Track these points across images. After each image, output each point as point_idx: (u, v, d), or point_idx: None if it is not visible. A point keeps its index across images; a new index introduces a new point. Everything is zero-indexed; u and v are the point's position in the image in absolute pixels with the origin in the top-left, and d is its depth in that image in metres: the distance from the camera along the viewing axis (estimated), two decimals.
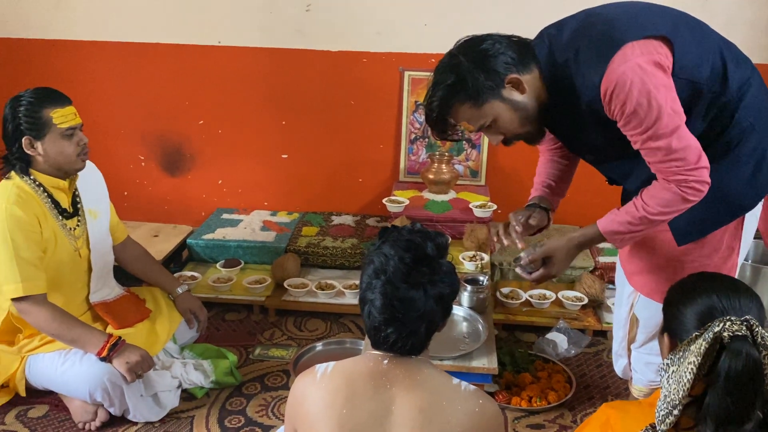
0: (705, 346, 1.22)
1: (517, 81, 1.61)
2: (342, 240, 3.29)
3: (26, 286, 2.15)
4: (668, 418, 1.25)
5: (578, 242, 1.80)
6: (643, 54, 1.53)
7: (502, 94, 1.62)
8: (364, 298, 1.39)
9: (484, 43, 1.60)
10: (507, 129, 1.69)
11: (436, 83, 1.63)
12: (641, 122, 1.54)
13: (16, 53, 3.49)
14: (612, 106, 1.56)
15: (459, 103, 1.63)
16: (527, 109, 1.65)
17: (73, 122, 2.21)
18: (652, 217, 1.64)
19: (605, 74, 1.54)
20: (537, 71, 1.64)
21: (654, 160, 1.60)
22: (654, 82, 1.52)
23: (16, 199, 2.17)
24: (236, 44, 3.39)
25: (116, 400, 2.24)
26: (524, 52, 1.63)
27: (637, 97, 1.51)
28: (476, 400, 1.37)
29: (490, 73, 1.59)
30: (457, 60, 1.61)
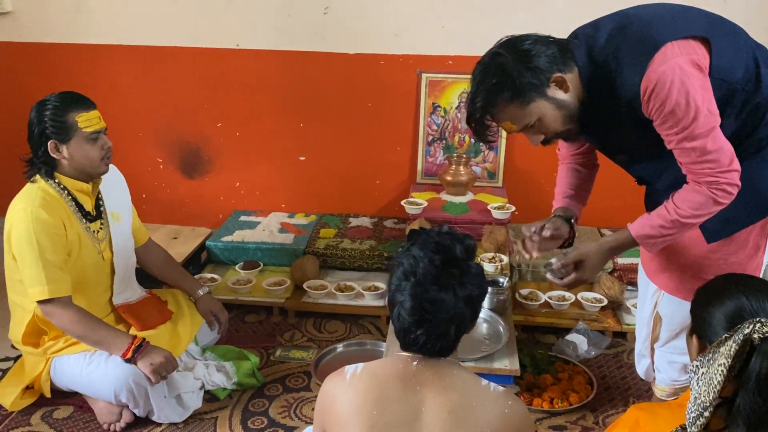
0: (735, 348, 1.22)
1: (561, 79, 1.61)
2: (360, 242, 3.30)
3: (52, 288, 2.18)
4: (699, 420, 1.25)
5: (610, 247, 1.81)
6: (682, 54, 1.55)
7: (547, 93, 1.62)
8: (393, 299, 1.40)
9: (525, 43, 1.61)
10: (550, 128, 1.69)
11: (481, 82, 1.62)
12: (678, 122, 1.55)
13: (37, 57, 3.53)
14: (650, 105, 1.57)
15: (504, 102, 1.62)
16: (570, 107, 1.65)
17: (97, 126, 2.23)
18: (684, 220, 1.66)
19: (646, 73, 1.55)
20: (576, 70, 1.65)
21: (687, 160, 1.61)
22: (693, 82, 1.54)
23: (41, 202, 2.19)
24: (254, 47, 3.41)
25: (141, 401, 2.26)
26: (564, 52, 1.63)
27: (676, 96, 1.53)
28: (505, 401, 1.38)
29: (536, 72, 1.59)
30: (501, 59, 1.60)
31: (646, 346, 2.18)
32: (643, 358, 2.24)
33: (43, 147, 2.21)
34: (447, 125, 3.45)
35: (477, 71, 1.64)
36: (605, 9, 3.18)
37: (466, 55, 3.34)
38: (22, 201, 2.21)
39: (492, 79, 1.60)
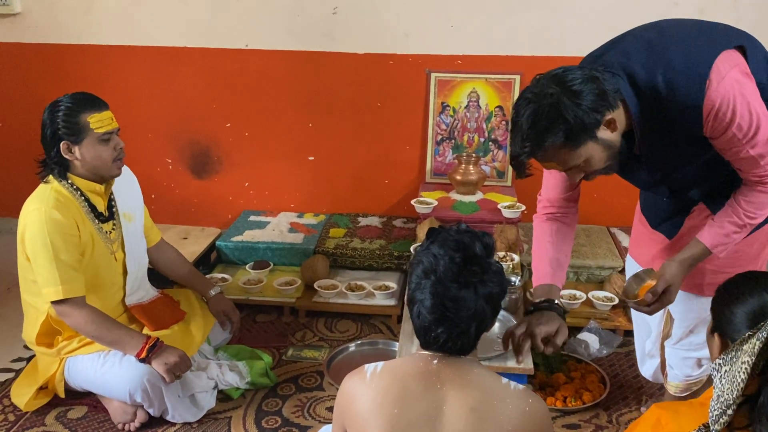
0: (759, 345, 1.22)
1: (612, 120, 1.57)
2: (370, 241, 3.30)
3: (66, 288, 2.18)
4: (722, 418, 1.25)
5: (689, 264, 1.79)
6: (732, 67, 1.58)
7: (597, 135, 1.56)
8: (412, 298, 1.40)
9: (574, 83, 1.53)
10: (594, 168, 1.65)
11: (533, 125, 1.53)
12: (745, 135, 1.58)
13: (46, 58, 3.54)
14: (715, 124, 1.58)
15: (555, 146, 1.56)
16: (616, 146, 1.62)
17: (109, 127, 2.23)
18: (752, 221, 1.70)
19: (706, 97, 1.56)
20: (621, 105, 1.60)
21: (750, 167, 1.64)
22: (750, 91, 1.58)
23: (54, 203, 2.20)
24: (263, 47, 3.42)
25: (155, 401, 2.27)
26: (609, 86, 1.57)
27: (740, 112, 1.56)
28: (526, 399, 1.38)
29: (589, 114, 1.53)
30: (553, 99, 1.52)
31: (657, 346, 2.18)
32: (651, 358, 2.24)
33: (56, 148, 2.21)
34: (456, 124, 3.44)
35: (526, 110, 1.54)
36: (613, 8, 3.20)
37: (475, 55, 3.34)
38: (35, 202, 2.22)
39: (544, 121, 1.52)
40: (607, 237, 3.32)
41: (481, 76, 3.36)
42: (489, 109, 3.41)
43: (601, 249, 3.19)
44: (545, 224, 1.97)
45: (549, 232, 1.95)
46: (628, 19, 3.15)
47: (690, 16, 3.19)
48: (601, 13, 3.20)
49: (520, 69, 3.32)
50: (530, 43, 3.28)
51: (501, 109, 3.40)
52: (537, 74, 1.60)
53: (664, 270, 1.78)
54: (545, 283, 1.93)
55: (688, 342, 2.05)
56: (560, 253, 1.94)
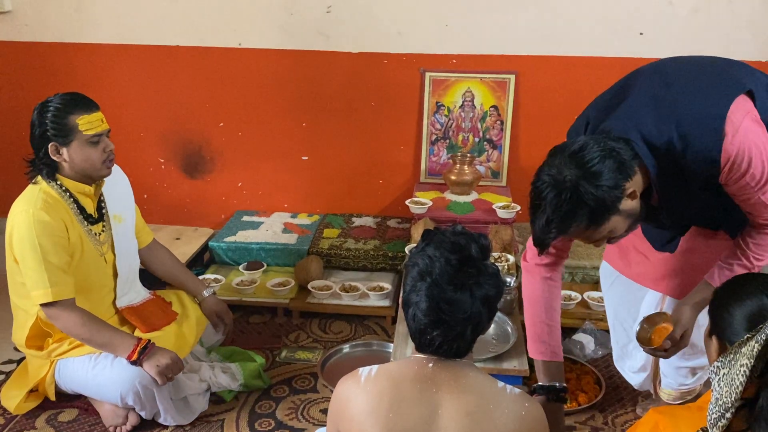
0: (758, 348, 1.20)
1: (632, 192, 1.57)
2: (364, 242, 3.28)
3: (55, 291, 2.15)
4: (720, 422, 1.24)
5: (701, 307, 1.80)
6: (744, 116, 1.60)
7: (619, 209, 1.56)
8: (408, 300, 1.38)
9: (592, 162, 1.51)
10: (617, 234, 1.66)
11: (555, 210, 1.53)
12: (758, 182, 1.61)
13: (37, 57, 3.50)
14: (731, 174, 1.61)
15: (580, 227, 1.57)
16: (638, 211, 1.63)
17: (99, 129, 2.19)
18: (762, 263, 1.74)
19: (723, 149, 1.58)
20: (638, 169, 1.59)
21: (759, 211, 1.67)
22: (762, 140, 1.61)
23: (43, 204, 2.17)
24: (257, 46, 3.39)
25: (147, 404, 2.24)
26: (626, 154, 1.55)
27: (755, 161, 1.59)
28: (522, 403, 1.37)
29: (609, 193, 1.52)
30: (573, 184, 1.51)
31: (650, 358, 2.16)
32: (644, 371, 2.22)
33: (44, 149, 2.18)
34: (451, 124, 3.43)
35: (545, 193, 1.54)
36: (607, 7, 3.19)
37: (469, 54, 3.32)
38: (23, 203, 2.19)
39: (566, 207, 1.52)
40: None
41: (475, 76, 3.35)
42: (484, 109, 3.39)
43: (596, 249, 3.18)
44: (536, 282, 1.95)
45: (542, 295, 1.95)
46: (623, 19, 3.18)
47: (684, 15, 3.21)
48: (596, 13, 3.19)
49: (514, 68, 3.31)
50: (525, 42, 3.27)
51: (496, 109, 3.38)
52: (553, 148, 1.60)
53: (680, 315, 1.80)
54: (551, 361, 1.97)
55: (681, 351, 2.04)
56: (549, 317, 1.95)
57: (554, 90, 3.30)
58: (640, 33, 3.18)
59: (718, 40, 3.13)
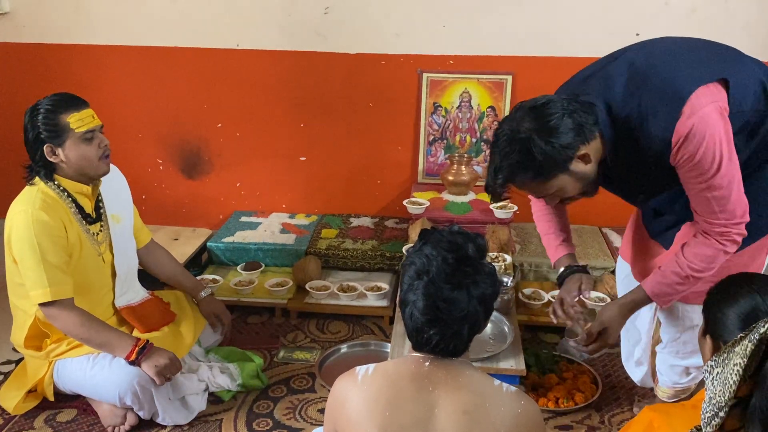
0: (751, 347, 1.21)
1: (584, 155, 1.61)
2: (362, 242, 3.29)
3: (54, 290, 2.15)
4: (714, 420, 1.24)
5: (629, 309, 1.84)
6: (707, 103, 1.59)
7: (569, 168, 1.61)
8: (405, 299, 1.39)
9: (551, 118, 1.57)
10: (569, 195, 1.71)
11: (504, 158, 1.60)
12: (704, 172, 1.59)
13: (34, 58, 3.51)
14: (679, 155, 1.60)
15: (525, 176, 1.62)
16: (590, 176, 1.66)
17: (91, 125, 2.20)
18: (696, 274, 1.71)
19: (675, 129, 1.58)
20: (598, 135, 1.63)
21: (704, 209, 1.66)
22: (719, 132, 1.58)
23: (41, 204, 2.17)
24: (255, 47, 3.40)
25: (146, 404, 2.25)
26: (587, 119, 1.60)
27: (704, 148, 1.57)
28: (518, 401, 1.37)
29: (561, 150, 1.57)
30: (526, 135, 1.57)
31: (647, 354, 2.18)
32: (639, 366, 2.24)
33: (40, 151, 2.18)
34: (448, 125, 3.44)
35: (500, 141, 1.61)
36: (605, 8, 3.20)
37: (466, 55, 3.33)
38: (22, 203, 2.19)
39: (515, 156, 1.58)
40: (599, 237, 3.33)
41: (473, 77, 3.36)
42: (481, 110, 3.40)
43: (593, 249, 3.19)
44: (538, 209, 2.08)
45: (546, 214, 2.06)
46: (619, 20, 3.19)
47: (682, 15, 3.22)
48: (592, 14, 3.20)
49: (512, 69, 3.32)
50: (522, 43, 3.28)
51: (493, 110, 3.39)
52: (520, 102, 1.65)
53: (603, 311, 1.85)
54: (562, 255, 2.04)
55: (675, 349, 2.06)
56: (562, 223, 2.05)
57: (551, 90, 3.24)
58: (636, 33, 3.19)
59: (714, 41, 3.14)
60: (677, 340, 2.04)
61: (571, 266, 2.00)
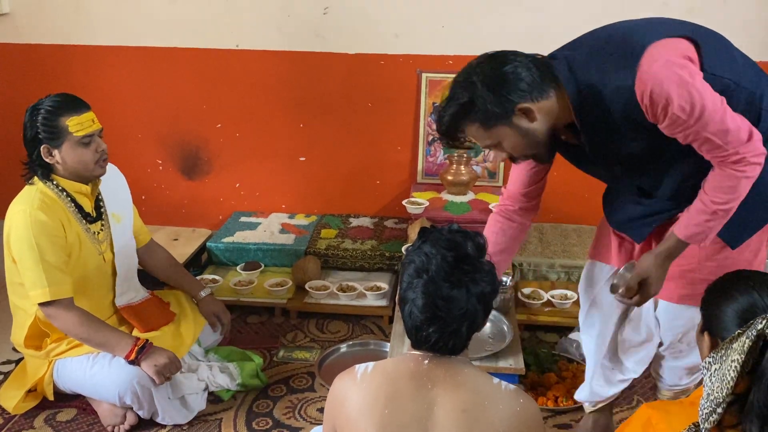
0: (748, 343, 1.22)
1: (527, 110, 1.61)
2: (361, 242, 3.30)
3: (53, 290, 2.16)
4: (712, 417, 1.25)
5: (666, 256, 1.76)
6: (669, 51, 1.54)
7: (512, 121, 1.62)
8: (404, 297, 1.39)
9: (505, 66, 1.60)
10: (513, 151, 1.71)
11: (451, 98, 1.65)
12: (689, 117, 1.52)
13: (35, 59, 3.51)
14: (654, 110, 1.54)
15: (469, 122, 1.65)
16: (536, 135, 1.65)
17: (89, 129, 2.20)
18: (724, 206, 1.62)
19: (637, 78, 1.53)
20: (555, 94, 1.63)
21: (708, 148, 1.58)
22: (688, 72, 1.52)
23: (39, 204, 2.18)
24: (254, 48, 3.40)
25: (145, 403, 2.25)
26: (544, 77, 1.62)
27: (678, 93, 1.50)
28: (517, 400, 1.38)
29: (502, 100, 1.59)
30: (473, 80, 1.61)
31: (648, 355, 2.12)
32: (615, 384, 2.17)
33: (37, 151, 2.19)
34: None
35: (452, 86, 1.66)
36: (603, 9, 3.21)
37: (466, 55, 3.30)
38: (20, 203, 2.20)
39: (460, 98, 1.62)
40: None
41: None
42: None
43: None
44: (492, 218, 2.06)
45: (492, 230, 2.04)
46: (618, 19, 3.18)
47: (680, 17, 3.19)
48: (590, 14, 3.20)
49: None
50: (520, 43, 3.23)
51: None
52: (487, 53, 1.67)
53: (640, 263, 1.78)
54: None
55: (678, 350, 2.05)
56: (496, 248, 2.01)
57: None
58: None
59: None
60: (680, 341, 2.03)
61: None
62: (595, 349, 2.15)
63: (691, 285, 1.84)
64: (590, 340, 2.16)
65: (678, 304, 1.91)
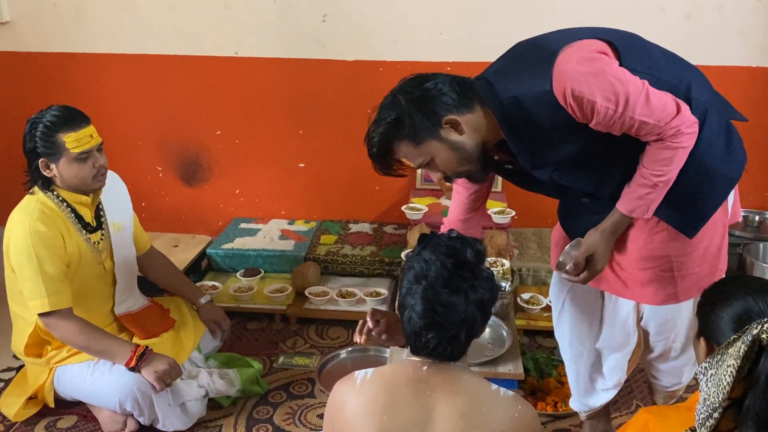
0: (744, 348, 1.22)
1: (454, 122, 1.62)
2: (361, 248, 3.31)
3: (52, 301, 2.17)
4: (708, 422, 1.26)
5: (611, 231, 1.77)
6: (581, 49, 1.56)
7: (440, 135, 1.63)
8: (403, 303, 1.41)
9: (426, 83, 1.63)
10: (446, 167, 1.71)
11: (377, 120, 1.66)
12: (616, 106, 1.52)
13: (35, 67, 3.52)
14: (581, 110, 1.54)
15: (398, 140, 1.65)
16: (466, 149, 1.66)
17: (86, 146, 2.19)
18: (663, 178, 1.63)
19: (554, 80, 1.54)
20: (480, 109, 1.65)
21: (644, 132, 1.58)
22: (603, 62, 1.54)
23: (39, 215, 2.19)
24: (253, 55, 3.42)
25: (146, 410, 2.26)
26: (466, 92, 1.64)
27: (598, 86, 1.51)
28: (515, 406, 1.39)
29: (428, 114, 1.61)
30: (397, 99, 1.64)
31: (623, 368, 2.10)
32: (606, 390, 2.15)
33: (35, 164, 2.21)
34: None
35: (378, 109, 1.68)
36: (602, 14, 3.23)
37: (464, 62, 3.35)
38: (20, 214, 2.21)
39: (387, 117, 1.64)
40: None
41: None
42: None
43: None
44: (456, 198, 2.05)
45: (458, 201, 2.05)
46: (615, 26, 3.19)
47: (676, 23, 3.25)
48: (588, 20, 3.20)
49: None
50: None
51: None
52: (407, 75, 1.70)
53: (586, 239, 1.78)
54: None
55: (673, 349, 2.06)
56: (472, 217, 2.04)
57: None
58: None
59: (709, 47, 3.17)
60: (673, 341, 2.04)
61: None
62: (570, 357, 2.16)
63: (670, 284, 1.84)
64: (564, 347, 2.17)
65: (662, 306, 1.90)
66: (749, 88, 3.25)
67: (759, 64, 3.23)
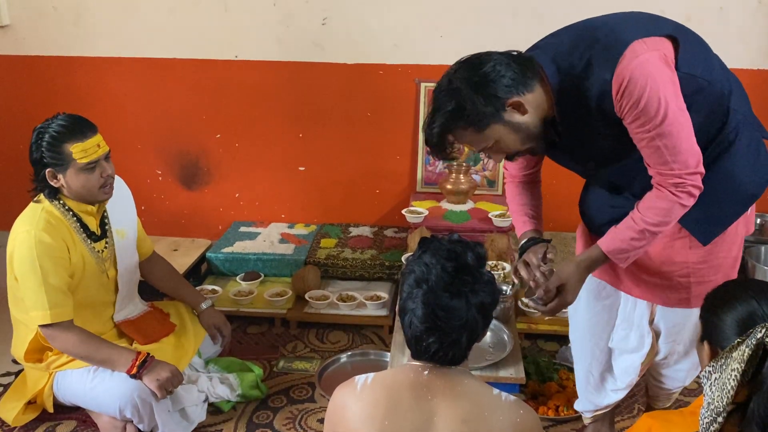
0: (748, 352, 1.22)
1: (518, 104, 1.60)
2: (361, 251, 3.30)
3: (54, 313, 2.15)
4: (712, 426, 1.25)
5: (586, 266, 1.76)
6: (650, 50, 1.55)
7: (503, 118, 1.60)
8: (404, 307, 1.40)
9: (484, 66, 1.58)
10: (509, 149, 1.69)
11: (437, 109, 1.61)
12: (650, 119, 1.54)
13: (35, 71, 3.52)
14: (623, 103, 1.55)
15: (461, 128, 1.62)
16: (530, 128, 1.64)
17: (94, 156, 2.18)
18: (652, 228, 1.64)
19: (616, 71, 1.54)
20: (539, 86, 1.62)
21: (656, 160, 1.59)
22: (663, 78, 1.53)
23: (45, 225, 2.17)
24: (253, 58, 3.42)
25: (146, 416, 2.24)
26: (525, 70, 1.60)
27: (649, 93, 1.52)
28: (517, 411, 1.38)
29: (490, 99, 1.57)
30: (456, 85, 1.58)
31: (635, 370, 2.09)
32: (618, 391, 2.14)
33: (42, 173, 2.20)
34: None
35: (435, 96, 1.63)
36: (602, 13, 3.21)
37: None
38: (25, 223, 2.19)
39: (447, 106, 1.59)
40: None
41: None
42: None
43: None
44: (511, 185, 2.03)
45: (517, 192, 2.01)
46: None
47: None
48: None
49: None
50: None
51: None
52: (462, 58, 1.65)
53: (561, 269, 1.77)
54: (528, 229, 1.96)
55: (676, 352, 2.05)
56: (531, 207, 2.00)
57: None
58: None
59: None
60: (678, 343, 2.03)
61: (535, 238, 1.93)
62: (582, 354, 2.16)
63: (685, 289, 1.85)
64: (576, 344, 2.17)
65: (675, 308, 1.91)
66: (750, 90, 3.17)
67: (760, 67, 3.23)
